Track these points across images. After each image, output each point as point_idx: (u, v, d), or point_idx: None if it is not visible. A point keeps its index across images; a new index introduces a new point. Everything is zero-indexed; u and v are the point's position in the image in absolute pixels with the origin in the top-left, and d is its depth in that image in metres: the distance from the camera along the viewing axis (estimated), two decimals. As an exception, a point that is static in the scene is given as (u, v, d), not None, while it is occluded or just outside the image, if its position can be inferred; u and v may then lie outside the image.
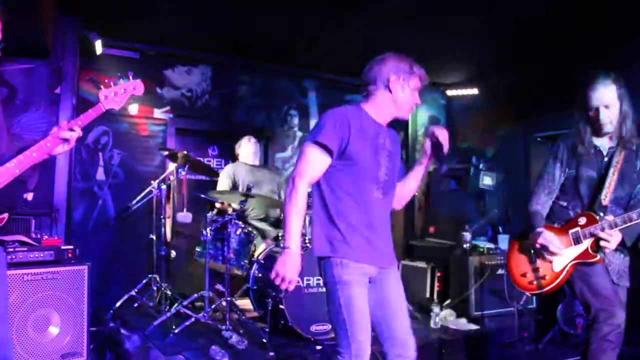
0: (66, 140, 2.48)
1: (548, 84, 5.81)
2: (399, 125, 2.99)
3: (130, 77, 2.68)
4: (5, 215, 2.48)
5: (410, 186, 2.90)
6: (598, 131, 3.18)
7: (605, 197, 3.11)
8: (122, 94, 2.68)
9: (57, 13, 4.93)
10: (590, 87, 3.12)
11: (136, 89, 2.73)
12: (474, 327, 5.13)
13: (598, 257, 3.06)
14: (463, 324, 5.18)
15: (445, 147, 2.73)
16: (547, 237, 3.11)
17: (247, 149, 5.74)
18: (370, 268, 2.65)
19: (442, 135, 2.73)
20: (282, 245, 2.42)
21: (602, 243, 3.01)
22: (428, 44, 5.43)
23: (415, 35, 5.32)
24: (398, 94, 2.71)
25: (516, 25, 5.19)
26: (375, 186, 2.68)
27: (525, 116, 6.63)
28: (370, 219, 2.66)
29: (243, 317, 4.60)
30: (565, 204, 3.27)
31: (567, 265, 3.13)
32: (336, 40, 5.79)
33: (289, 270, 2.44)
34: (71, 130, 2.47)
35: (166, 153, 5.28)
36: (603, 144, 3.23)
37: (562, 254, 3.11)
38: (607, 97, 3.08)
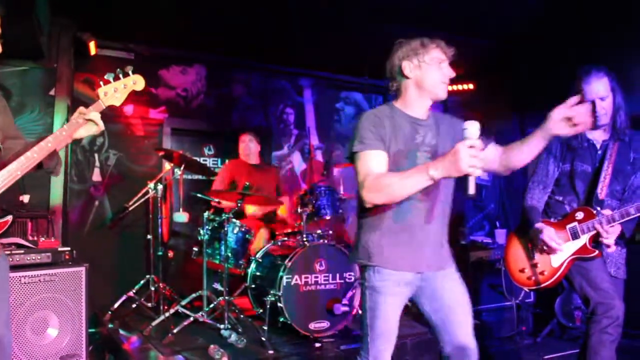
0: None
1: (543, 79, 5.82)
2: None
3: (130, 73, 2.62)
4: (10, 217, 2.47)
5: (519, 157, 2.61)
6: (593, 124, 3.19)
7: (601, 191, 3.12)
8: (122, 90, 2.62)
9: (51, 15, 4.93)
10: (583, 81, 3.14)
11: (137, 83, 2.66)
12: (472, 321, 5.13)
13: (597, 252, 3.08)
14: (461, 319, 5.18)
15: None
16: (549, 234, 3.12)
17: (244, 148, 5.75)
18: (407, 275, 2.53)
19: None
20: (430, 175, 2.18)
21: (604, 241, 3.01)
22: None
23: (411, 31, 5.30)
24: (417, 76, 2.56)
25: (512, 21, 5.19)
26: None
27: (520, 111, 6.64)
28: (407, 223, 2.52)
29: (241, 316, 4.60)
30: (560, 198, 3.28)
31: (565, 260, 3.14)
32: (331, 38, 5.78)
33: (458, 157, 2.12)
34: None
35: (162, 153, 5.27)
36: (596, 137, 3.25)
37: (562, 249, 3.13)
38: (601, 89, 3.10)
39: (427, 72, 2.54)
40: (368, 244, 2.54)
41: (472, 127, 2.18)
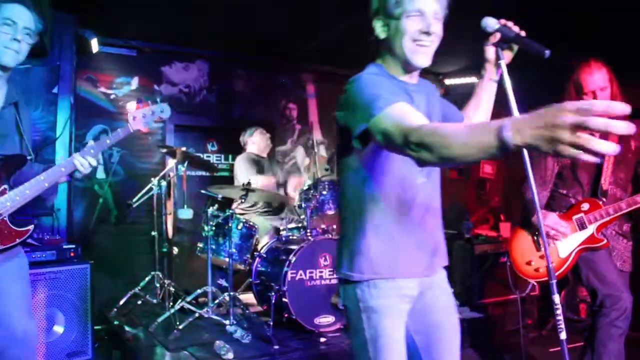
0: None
1: (545, 71, 5.80)
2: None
3: (159, 100, 2.79)
4: (31, 226, 2.57)
5: (482, 111, 2.40)
6: None
7: (605, 181, 3.13)
8: (150, 116, 2.82)
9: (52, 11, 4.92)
10: (584, 71, 3.16)
11: (164, 112, 2.87)
12: (477, 315, 5.14)
13: (605, 242, 3.08)
14: (466, 312, 5.18)
15: (516, 29, 2.12)
16: (552, 219, 3.12)
17: (262, 141, 5.76)
18: (411, 283, 1.97)
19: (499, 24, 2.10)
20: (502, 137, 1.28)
21: None
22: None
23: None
24: (387, 38, 1.98)
25: (513, 15, 5.16)
26: (417, 170, 1.92)
27: (523, 103, 6.62)
28: (410, 214, 1.96)
29: (247, 312, 4.61)
30: (565, 191, 3.28)
31: (573, 250, 3.14)
32: (334, 32, 5.76)
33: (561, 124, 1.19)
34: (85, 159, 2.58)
35: (165, 150, 5.28)
36: None
37: (568, 237, 3.13)
38: (601, 80, 3.11)
39: (397, 33, 1.93)
40: (359, 248, 1.94)
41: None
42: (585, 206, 3.13)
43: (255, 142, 5.76)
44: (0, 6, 2.45)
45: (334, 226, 4.91)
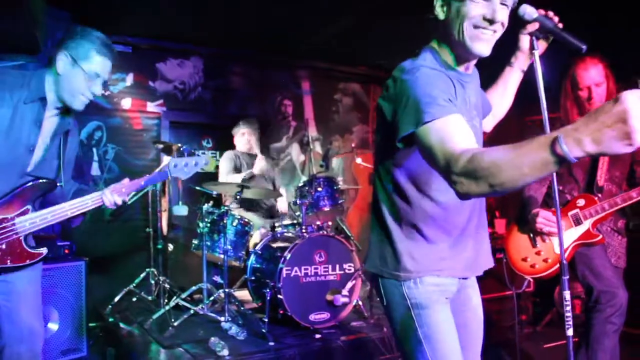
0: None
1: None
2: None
3: (206, 152, 2.84)
4: (44, 250, 2.63)
5: (507, 100, 2.41)
6: (587, 111, 3.20)
7: (600, 177, 3.14)
8: (192, 167, 2.89)
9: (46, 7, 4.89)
10: (579, 67, 3.15)
11: (207, 164, 2.90)
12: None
13: (600, 237, 3.09)
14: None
15: (555, 20, 1.98)
16: (545, 216, 3.12)
17: (240, 142, 5.76)
18: (452, 282, 1.96)
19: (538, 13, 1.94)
20: (558, 146, 1.26)
21: None
22: (422, 30, 5.41)
23: (410, 23, 5.29)
24: (446, 20, 1.82)
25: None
26: None
27: (516, 99, 6.62)
28: (458, 213, 1.92)
29: (242, 308, 4.60)
30: (561, 188, 3.28)
31: (569, 246, 3.15)
32: (330, 30, 5.75)
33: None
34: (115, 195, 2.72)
35: (160, 146, 5.26)
36: None
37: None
38: (597, 75, 3.11)
39: (457, 17, 1.77)
40: (406, 247, 1.89)
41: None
42: (581, 202, 3.14)
43: (238, 141, 5.79)
44: (93, 55, 2.48)
45: (329, 222, 4.91)
